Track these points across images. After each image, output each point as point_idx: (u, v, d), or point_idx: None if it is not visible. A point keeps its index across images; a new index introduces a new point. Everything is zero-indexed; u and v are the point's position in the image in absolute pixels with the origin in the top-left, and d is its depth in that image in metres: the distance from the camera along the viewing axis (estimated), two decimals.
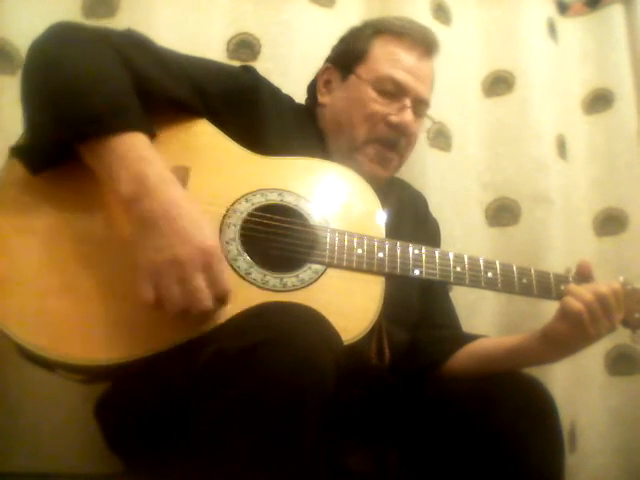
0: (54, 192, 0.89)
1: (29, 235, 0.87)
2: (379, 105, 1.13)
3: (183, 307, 0.78)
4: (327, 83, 1.20)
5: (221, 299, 0.81)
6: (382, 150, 1.13)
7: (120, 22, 1.35)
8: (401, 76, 1.13)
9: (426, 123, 1.55)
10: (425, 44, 1.18)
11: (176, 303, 0.78)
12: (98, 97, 0.84)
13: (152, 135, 0.87)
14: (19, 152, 0.88)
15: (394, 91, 1.13)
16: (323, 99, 1.19)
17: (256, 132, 1.04)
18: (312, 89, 1.23)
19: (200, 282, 0.78)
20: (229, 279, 0.81)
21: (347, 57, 1.18)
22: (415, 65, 1.15)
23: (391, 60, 1.14)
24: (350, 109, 1.14)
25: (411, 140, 1.18)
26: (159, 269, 0.78)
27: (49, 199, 0.89)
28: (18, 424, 1.24)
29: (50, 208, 0.88)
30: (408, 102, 1.13)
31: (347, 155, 1.13)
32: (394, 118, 1.12)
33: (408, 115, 1.13)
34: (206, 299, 0.78)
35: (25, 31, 0.91)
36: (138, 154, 0.82)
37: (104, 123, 0.82)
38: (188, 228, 0.79)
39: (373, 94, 1.13)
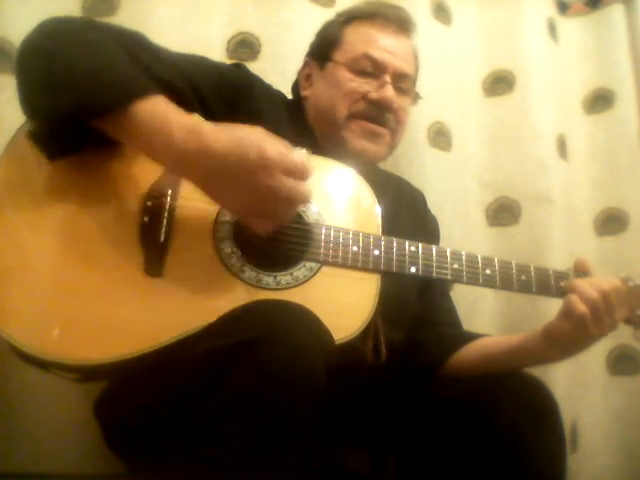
0: (52, 191, 0.89)
1: (23, 234, 0.86)
2: (356, 83, 1.12)
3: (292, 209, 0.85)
4: (308, 77, 1.20)
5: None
6: (367, 125, 1.12)
7: (120, 21, 1.35)
8: (377, 53, 1.13)
9: (426, 122, 1.57)
10: (398, 22, 1.17)
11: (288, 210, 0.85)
12: (112, 72, 0.83)
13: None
14: (35, 139, 0.87)
15: (372, 70, 1.13)
16: (305, 92, 1.19)
17: None
18: (296, 88, 1.22)
19: (290, 182, 0.82)
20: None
21: (322, 47, 1.19)
22: (391, 43, 1.15)
23: (366, 41, 1.14)
24: (329, 93, 1.14)
25: (400, 116, 1.16)
26: (257, 205, 0.83)
27: (45, 198, 0.88)
28: (18, 424, 1.23)
29: (45, 207, 0.88)
30: (388, 78, 1.12)
31: (334, 140, 1.13)
32: (374, 94, 1.12)
33: (389, 91, 1.12)
34: (301, 191, 0.84)
35: (25, 30, 0.90)
36: (172, 109, 0.83)
37: (130, 87, 0.82)
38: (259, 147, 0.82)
39: (350, 75, 1.12)
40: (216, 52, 1.44)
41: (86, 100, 0.81)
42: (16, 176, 0.89)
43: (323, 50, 1.18)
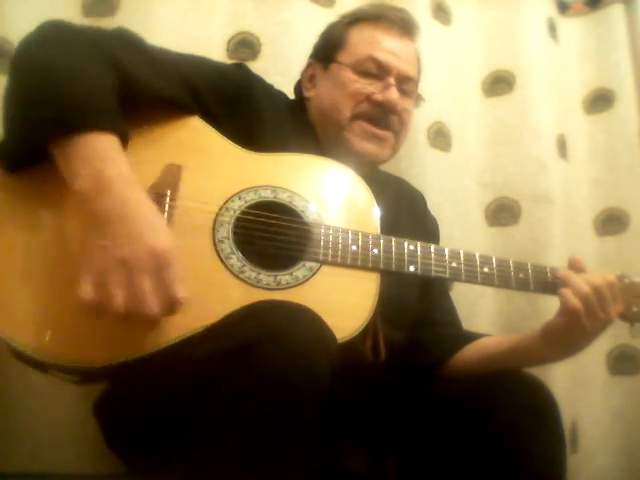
0: (50, 191, 0.87)
1: (18, 234, 0.86)
2: (361, 85, 1.12)
3: (125, 310, 0.73)
4: (311, 78, 1.20)
5: (169, 307, 0.76)
6: (370, 127, 1.12)
7: (120, 21, 1.35)
8: (382, 56, 1.13)
9: (426, 122, 1.57)
10: (402, 25, 1.17)
11: (115, 303, 0.73)
12: (68, 97, 0.83)
13: (125, 137, 0.85)
14: None
15: (376, 71, 1.13)
16: (309, 93, 1.19)
17: (250, 129, 1.04)
18: (298, 88, 1.23)
19: (145, 285, 0.74)
20: (181, 287, 0.76)
21: (327, 48, 1.19)
22: (395, 45, 1.15)
23: (370, 43, 1.14)
24: (333, 94, 1.14)
25: (403, 118, 1.16)
26: (104, 268, 0.74)
27: (43, 198, 0.88)
28: (18, 424, 1.24)
29: (43, 207, 0.88)
30: (392, 80, 1.12)
31: (337, 141, 1.13)
32: (378, 96, 1.12)
33: (393, 92, 1.12)
34: (149, 304, 0.74)
35: (25, 30, 0.90)
36: (101, 153, 0.81)
37: (70, 122, 0.81)
38: (141, 229, 0.76)
39: (354, 76, 1.13)
40: (216, 52, 1.44)
41: (31, 124, 0.82)
42: (11, 179, 0.88)
43: (327, 51, 1.18)
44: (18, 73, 0.87)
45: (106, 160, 0.80)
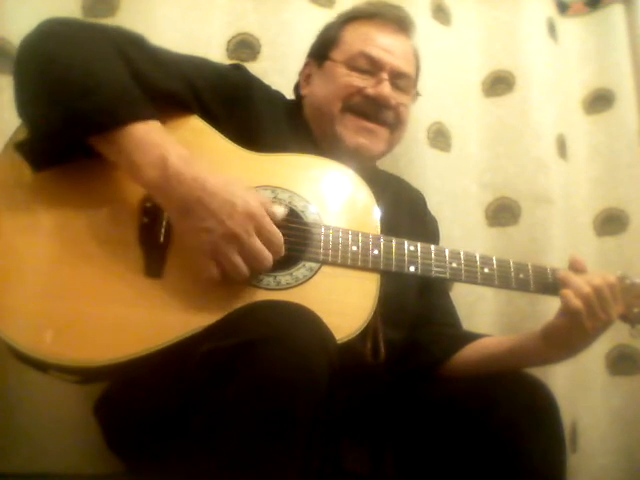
0: (50, 192, 0.88)
1: (21, 235, 0.86)
2: (352, 78, 1.13)
3: (250, 272, 0.85)
4: (308, 77, 1.21)
5: (277, 251, 0.87)
6: (361, 121, 1.13)
7: (120, 21, 1.35)
8: (374, 51, 1.13)
9: (426, 122, 1.57)
10: (397, 21, 1.18)
11: (243, 271, 0.84)
12: (107, 90, 0.84)
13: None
14: (22, 149, 0.87)
15: (369, 67, 1.13)
16: (304, 91, 1.20)
17: (249, 129, 1.04)
18: (297, 89, 1.23)
19: (258, 244, 0.84)
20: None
21: (322, 47, 1.20)
22: (389, 42, 1.15)
23: (363, 39, 1.15)
24: (325, 89, 1.14)
25: (400, 112, 1.16)
26: (217, 247, 0.83)
27: (43, 199, 0.88)
28: (18, 424, 1.23)
29: (43, 208, 0.88)
30: (385, 75, 1.13)
31: (331, 136, 1.13)
32: (370, 90, 1.12)
33: (385, 87, 1.12)
34: (267, 257, 0.85)
35: (25, 30, 0.90)
36: (154, 139, 0.84)
37: (118, 114, 0.83)
38: (226, 200, 0.83)
39: (346, 71, 1.13)
40: (216, 52, 1.44)
41: (78, 118, 0.82)
42: (12, 178, 0.88)
43: (322, 50, 1.19)
44: (36, 70, 0.86)
45: (161, 145, 0.84)
